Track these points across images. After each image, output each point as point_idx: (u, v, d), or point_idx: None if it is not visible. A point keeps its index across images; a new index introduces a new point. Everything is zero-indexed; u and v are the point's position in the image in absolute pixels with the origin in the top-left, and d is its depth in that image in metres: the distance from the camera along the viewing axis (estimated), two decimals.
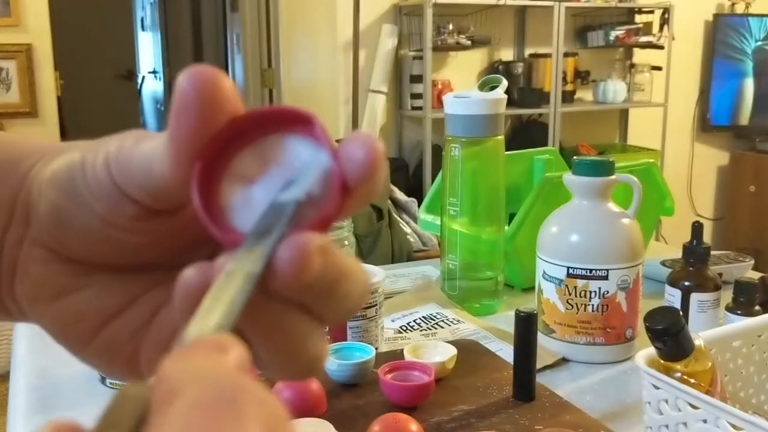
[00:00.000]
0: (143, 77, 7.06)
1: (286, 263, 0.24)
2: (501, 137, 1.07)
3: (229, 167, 0.26)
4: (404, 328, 1.00)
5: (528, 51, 3.73)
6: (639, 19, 3.83)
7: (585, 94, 3.89)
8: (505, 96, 1.06)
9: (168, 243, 0.29)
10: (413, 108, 3.44)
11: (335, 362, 0.80)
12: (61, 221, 0.28)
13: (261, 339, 0.26)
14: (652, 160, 1.29)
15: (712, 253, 1.04)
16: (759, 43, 4.08)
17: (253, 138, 0.26)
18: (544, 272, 0.93)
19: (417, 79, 3.38)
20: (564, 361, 0.91)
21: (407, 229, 2.54)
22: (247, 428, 0.18)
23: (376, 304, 0.90)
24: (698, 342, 0.66)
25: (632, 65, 3.90)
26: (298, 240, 0.24)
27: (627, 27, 3.74)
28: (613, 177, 0.91)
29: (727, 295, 0.93)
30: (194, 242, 0.29)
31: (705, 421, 0.59)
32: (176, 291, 0.25)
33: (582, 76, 3.82)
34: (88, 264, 0.29)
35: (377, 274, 0.91)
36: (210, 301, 0.23)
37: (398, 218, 2.56)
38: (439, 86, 3.43)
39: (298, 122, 0.26)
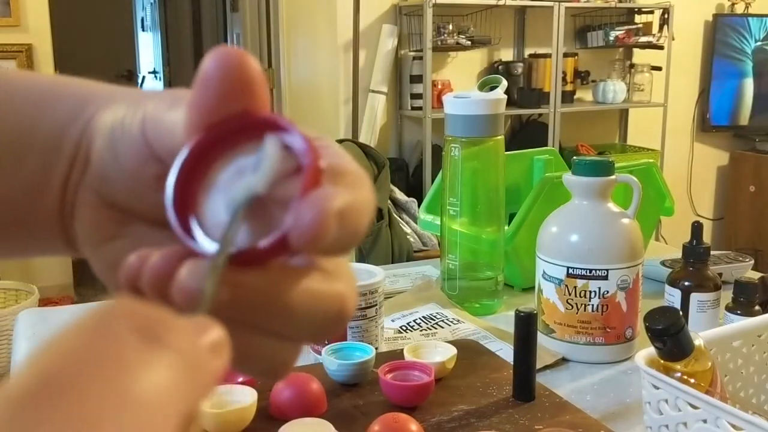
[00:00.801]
0: (143, 77, 7.06)
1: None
2: (501, 137, 1.07)
3: (227, 154, 0.27)
4: (404, 328, 1.00)
5: (528, 51, 3.73)
6: (639, 19, 3.83)
7: (585, 94, 3.89)
8: (505, 96, 1.06)
9: None
10: (413, 108, 3.44)
11: (335, 362, 0.80)
12: (103, 171, 0.30)
13: None
14: (651, 160, 1.29)
15: (712, 253, 1.04)
16: (759, 43, 4.08)
17: (258, 136, 0.26)
18: (544, 272, 0.93)
19: (417, 79, 3.38)
20: (564, 361, 0.91)
21: (407, 229, 2.54)
22: (114, 330, 0.20)
23: (376, 304, 0.89)
24: (698, 342, 0.66)
25: (632, 65, 3.90)
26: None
27: (627, 27, 3.74)
28: (612, 177, 0.91)
29: (727, 295, 0.93)
30: None
31: (705, 421, 0.59)
32: (119, 273, 0.26)
33: (582, 77, 3.82)
34: (127, 213, 0.31)
35: (377, 274, 0.91)
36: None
37: (398, 218, 2.55)
38: (439, 86, 3.43)
39: (300, 140, 0.26)
